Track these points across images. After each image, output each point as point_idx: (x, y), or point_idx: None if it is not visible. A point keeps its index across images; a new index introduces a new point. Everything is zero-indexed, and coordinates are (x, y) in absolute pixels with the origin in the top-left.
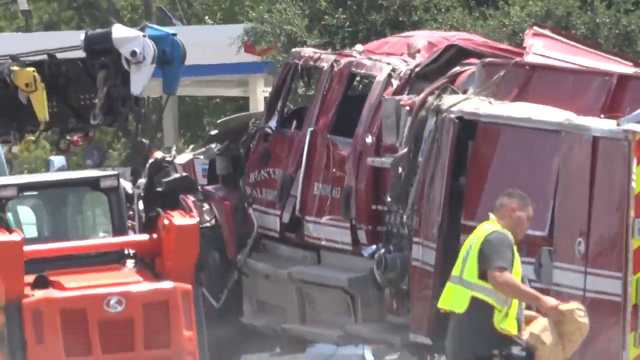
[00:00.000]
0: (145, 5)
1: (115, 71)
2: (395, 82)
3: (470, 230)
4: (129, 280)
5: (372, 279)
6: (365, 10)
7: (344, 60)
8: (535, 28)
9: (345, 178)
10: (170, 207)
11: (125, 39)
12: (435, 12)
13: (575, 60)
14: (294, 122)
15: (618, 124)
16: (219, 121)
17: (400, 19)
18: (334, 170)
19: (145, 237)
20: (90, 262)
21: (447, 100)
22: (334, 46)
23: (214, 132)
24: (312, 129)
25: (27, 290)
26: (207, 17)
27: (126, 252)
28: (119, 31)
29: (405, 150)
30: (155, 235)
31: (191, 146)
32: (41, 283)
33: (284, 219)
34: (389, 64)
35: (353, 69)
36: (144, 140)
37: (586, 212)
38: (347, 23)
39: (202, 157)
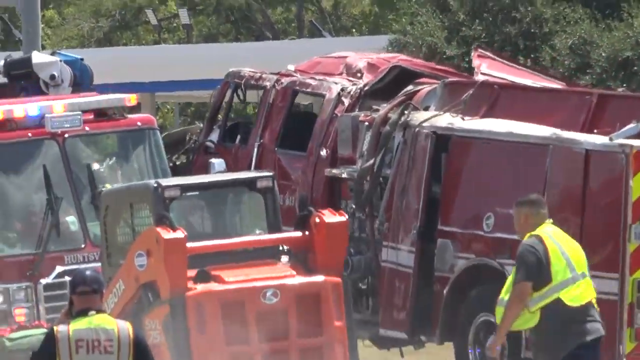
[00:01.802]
0: (297, 19)
1: (34, 94)
2: (345, 100)
3: (446, 234)
4: (283, 274)
5: None
6: (500, 23)
7: (286, 80)
8: (480, 50)
9: (298, 188)
10: None
11: (44, 64)
12: (565, 24)
13: (517, 79)
14: (236, 136)
15: (611, 139)
16: (162, 135)
17: (532, 30)
18: (284, 181)
19: (298, 234)
20: (247, 257)
21: (417, 116)
22: (470, 56)
23: None
24: (258, 142)
25: (190, 284)
26: (354, 30)
27: (280, 248)
28: (37, 57)
29: (370, 162)
30: (307, 232)
31: None
32: (203, 277)
33: None
34: (336, 83)
35: (297, 87)
36: None
37: (579, 218)
38: (484, 34)
39: None
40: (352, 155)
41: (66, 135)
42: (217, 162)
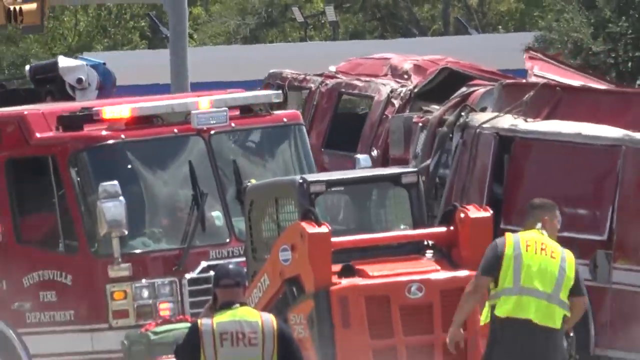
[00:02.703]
0: (443, 16)
1: (60, 97)
2: (395, 102)
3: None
4: (428, 269)
5: None
6: None
7: (331, 81)
8: (531, 52)
9: None
10: None
11: (71, 68)
12: None
13: (569, 81)
14: None
15: None
16: None
17: None
18: None
19: (442, 229)
20: (391, 252)
21: (476, 117)
22: (617, 52)
23: None
24: None
25: (335, 279)
26: (499, 26)
27: (425, 242)
28: (64, 61)
29: (427, 162)
30: (452, 227)
31: None
32: (348, 271)
33: None
34: (384, 84)
35: (343, 89)
36: None
37: None
38: (630, 30)
39: None
40: (403, 155)
41: (212, 132)
42: (363, 158)
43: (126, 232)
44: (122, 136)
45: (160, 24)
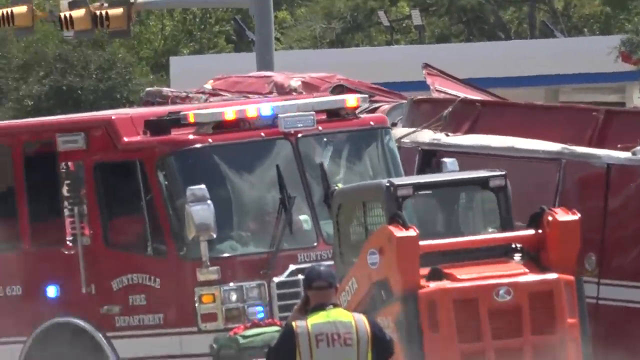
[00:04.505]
0: (529, 19)
1: None
2: None
3: None
4: (516, 272)
5: None
6: None
7: (216, 100)
8: (429, 68)
9: None
10: None
11: None
12: None
13: (469, 96)
14: None
15: (634, 154)
16: None
17: None
18: None
19: (531, 232)
20: (479, 255)
21: (394, 132)
22: None
23: None
24: None
25: (423, 282)
26: (585, 29)
27: (513, 246)
28: None
29: None
30: (539, 230)
31: None
32: (435, 275)
33: None
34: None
35: None
36: None
37: (600, 228)
38: None
39: None
40: None
41: (299, 135)
42: (450, 162)
43: (214, 236)
44: (210, 140)
45: (246, 27)
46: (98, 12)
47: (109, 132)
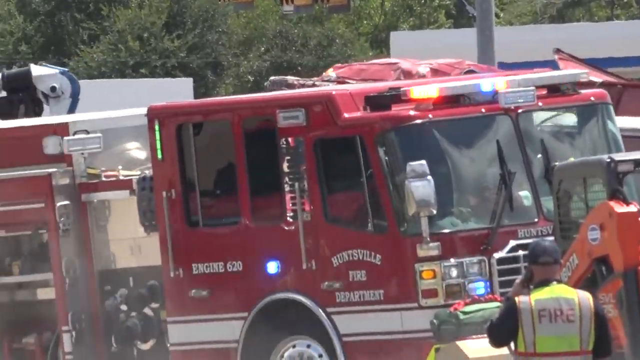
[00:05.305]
0: None
1: (32, 106)
2: None
3: None
4: None
5: None
6: None
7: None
8: (561, 53)
9: None
10: None
11: (44, 77)
12: None
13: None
14: None
15: None
16: None
17: None
18: None
19: None
20: None
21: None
22: None
23: None
24: None
25: None
26: None
27: None
28: (36, 70)
29: None
30: None
31: None
32: None
33: None
34: None
35: None
36: None
37: None
38: None
39: None
40: None
41: (519, 111)
42: None
43: (435, 212)
44: (430, 116)
45: (466, 2)
46: None
47: (329, 108)
